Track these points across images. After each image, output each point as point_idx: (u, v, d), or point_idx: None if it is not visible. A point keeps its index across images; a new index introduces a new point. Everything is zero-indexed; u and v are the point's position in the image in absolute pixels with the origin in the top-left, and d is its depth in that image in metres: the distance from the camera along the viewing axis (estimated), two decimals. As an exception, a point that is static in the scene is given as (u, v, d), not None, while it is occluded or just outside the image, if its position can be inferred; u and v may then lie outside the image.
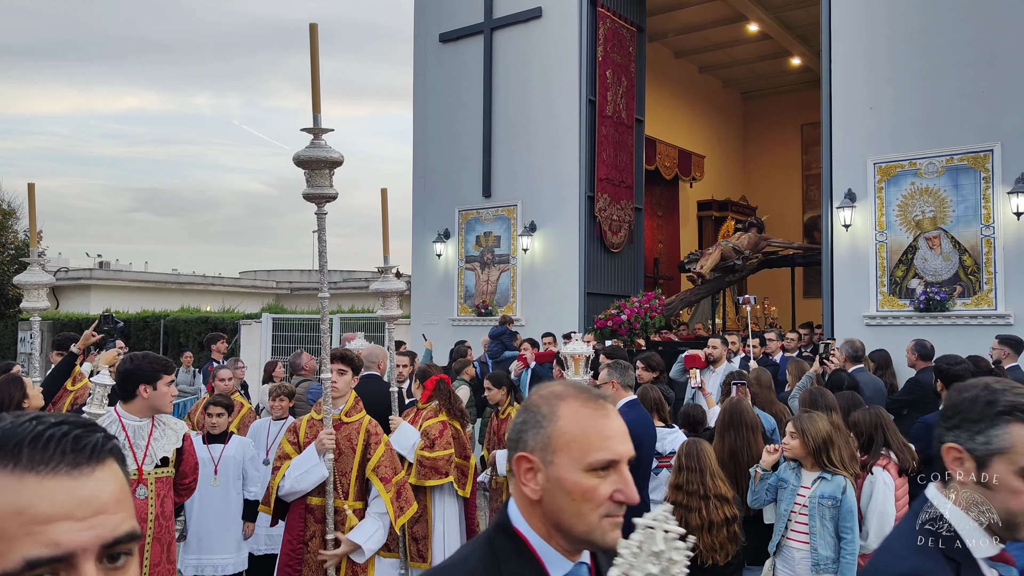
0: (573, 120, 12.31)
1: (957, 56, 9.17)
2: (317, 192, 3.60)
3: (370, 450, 4.11)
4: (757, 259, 14.09)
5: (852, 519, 3.97)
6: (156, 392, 3.58)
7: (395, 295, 4.45)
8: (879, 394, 6.60)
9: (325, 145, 3.55)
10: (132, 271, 33.55)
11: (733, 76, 19.62)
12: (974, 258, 8.93)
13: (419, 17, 14.30)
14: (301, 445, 4.17)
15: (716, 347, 7.59)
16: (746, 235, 14.00)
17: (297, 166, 3.54)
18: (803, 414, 4.29)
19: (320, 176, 3.59)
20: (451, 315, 13.36)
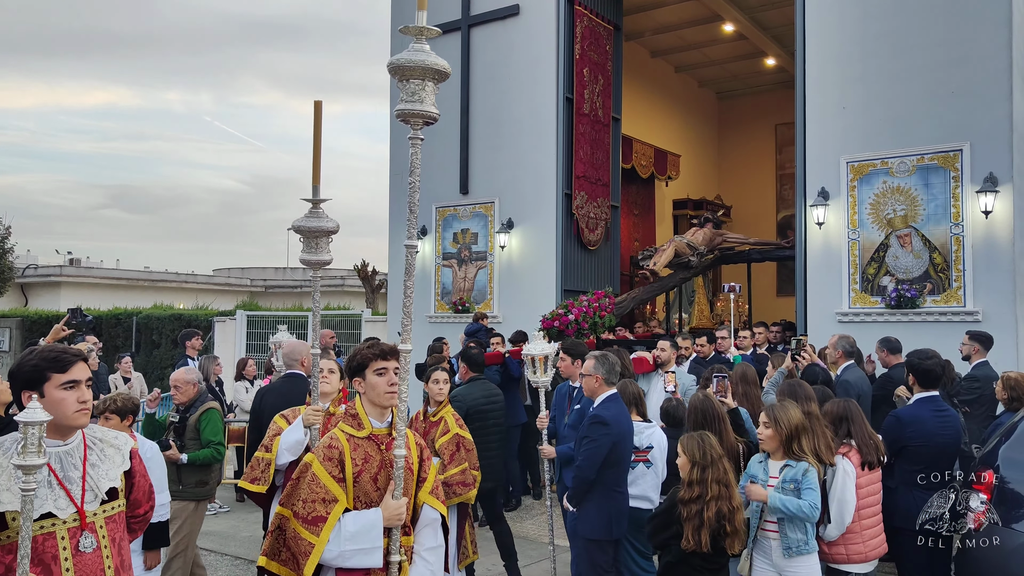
0: (550, 118, 12.34)
1: (928, 57, 9.32)
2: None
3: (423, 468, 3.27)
4: (714, 255, 13.64)
5: (812, 495, 4.01)
6: (47, 400, 2.49)
7: (323, 235, 3.71)
8: (868, 393, 6.68)
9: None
10: (103, 268, 33.10)
11: (708, 76, 19.77)
12: (944, 256, 9.09)
13: (396, 13, 14.26)
14: None
15: (665, 349, 7.21)
16: (701, 231, 13.48)
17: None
18: (775, 403, 4.34)
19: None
20: (428, 312, 13.34)
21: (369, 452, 3.04)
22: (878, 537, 4.59)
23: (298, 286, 33.04)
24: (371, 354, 3.10)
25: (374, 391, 3.08)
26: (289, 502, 2.97)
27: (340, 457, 2.99)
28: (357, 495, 2.99)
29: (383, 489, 3.02)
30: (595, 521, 4.83)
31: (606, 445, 4.75)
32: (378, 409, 3.11)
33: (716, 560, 3.92)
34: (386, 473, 3.03)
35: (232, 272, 38.09)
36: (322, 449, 3.03)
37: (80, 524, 2.52)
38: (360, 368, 3.12)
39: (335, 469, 2.97)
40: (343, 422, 3.15)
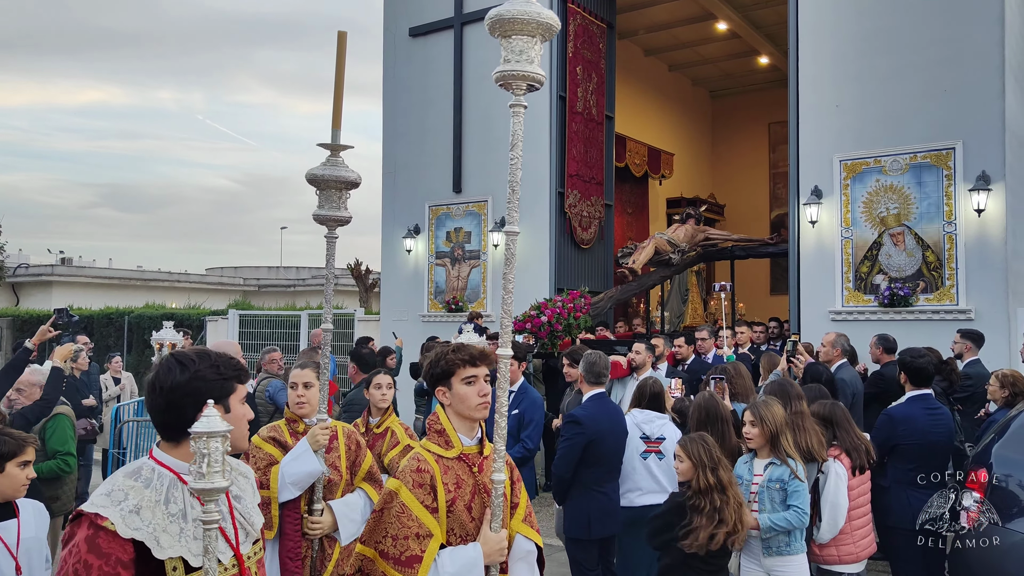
0: (544, 116, 12.31)
1: (921, 56, 9.32)
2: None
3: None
4: (696, 252, 13.26)
5: (800, 498, 4.00)
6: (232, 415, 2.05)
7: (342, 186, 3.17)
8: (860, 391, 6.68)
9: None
10: (95, 267, 32.96)
11: (702, 75, 19.77)
12: (936, 254, 9.09)
13: (389, 11, 14.21)
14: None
15: (640, 352, 6.97)
16: (683, 227, 13.08)
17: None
18: (759, 401, 4.31)
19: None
20: (421, 311, 13.30)
21: (460, 475, 2.60)
22: (868, 537, 4.60)
23: (291, 285, 32.96)
24: (458, 359, 2.68)
25: (463, 403, 2.64)
26: (373, 539, 2.51)
27: (431, 482, 2.53)
28: (451, 527, 2.55)
29: (478, 519, 2.58)
30: (573, 520, 4.86)
31: (579, 444, 4.75)
32: (467, 424, 2.67)
33: (716, 562, 3.90)
34: (480, 500, 2.60)
35: (225, 271, 37.97)
36: (410, 473, 2.55)
37: (239, 570, 2.06)
38: (444, 376, 2.68)
39: (427, 497, 2.51)
40: (428, 440, 2.68)
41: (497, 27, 2.39)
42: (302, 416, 3.71)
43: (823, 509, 4.33)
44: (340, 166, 3.13)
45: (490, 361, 2.66)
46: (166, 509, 1.89)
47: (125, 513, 1.83)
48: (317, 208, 3.17)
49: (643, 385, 5.28)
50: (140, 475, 1.92)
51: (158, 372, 1.95)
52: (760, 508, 4.07)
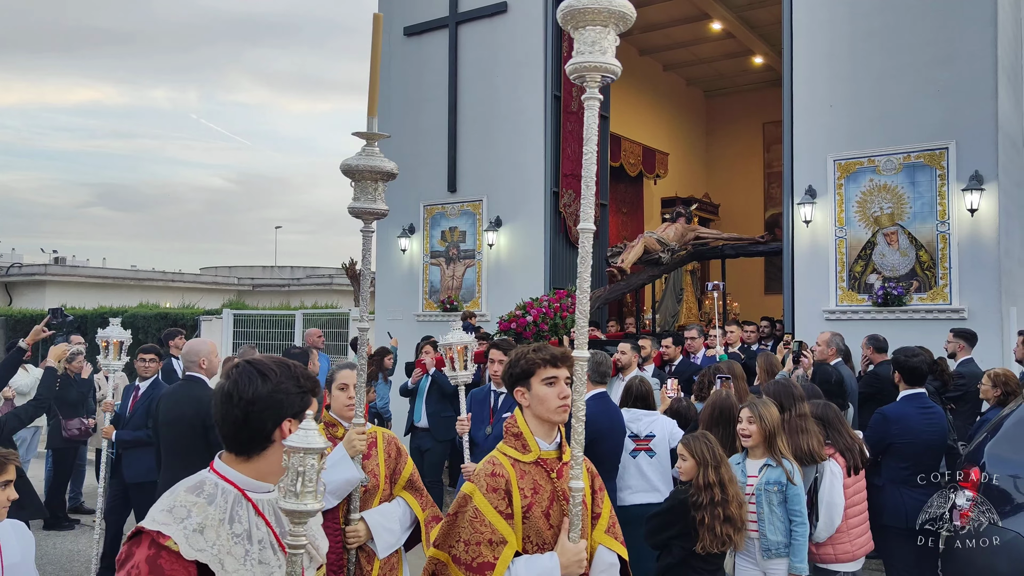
0: (538, 115, 12.32)
1: (914, 56, 9.35)
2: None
3: None
4: (685, 251, 13.11)
5: (800, 503, 4.01)
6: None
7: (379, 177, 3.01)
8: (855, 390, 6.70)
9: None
10: (89, 267, 32.86)
11: (696, 74, 19.79)
12: (930, 254, 9.12)
13: (383, 10, 14.16)
14: None
15: (625, 352, 6.91)
16: (672, 226, 12.93)
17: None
18: (755, 400, 4.32)
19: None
20: (416, 311, 13.29)
21: (538, 481, 2.50)
22: (864, 536, 4.61)
23: (286, 285, 32.92)
24: (538, 359, 2.57)
25: (542, 405, 2.54)
26: (446, 543, 2.44)
27: (507, 487, 2.44)
28: (527, 534, 2.45)
29: (556, 527, 2.48)
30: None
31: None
32: (546, 427, 2.57)
33: (715, 560, 3.91)
34: (559, 507, 2.50)
35: (219, 271, 37.90)
36: (484, 477, 2.47)
37: None
38: (523, 376, 2.58)
39: (501, 502, 2.42)
40: (504, 444, 2.59)
41: (569, 18, 2.31)
42: (349, 419, 3.44)
43: (820, 508, 4.34)
44: (376, 156, 2.97)
45: (571, 362, 2.53)
46: (230, 529, 1.73)
47: (188, 532, 1.67)
48: (352, 201, 3.00)
49: (630, 384, 5.28)
50: (203, 491, 1.76)
51: (236, 382, 1.80)
52: (757, 511, 4.07)
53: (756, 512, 4.08)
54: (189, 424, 4.78)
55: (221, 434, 1.83)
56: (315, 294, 29.40)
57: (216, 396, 1.84)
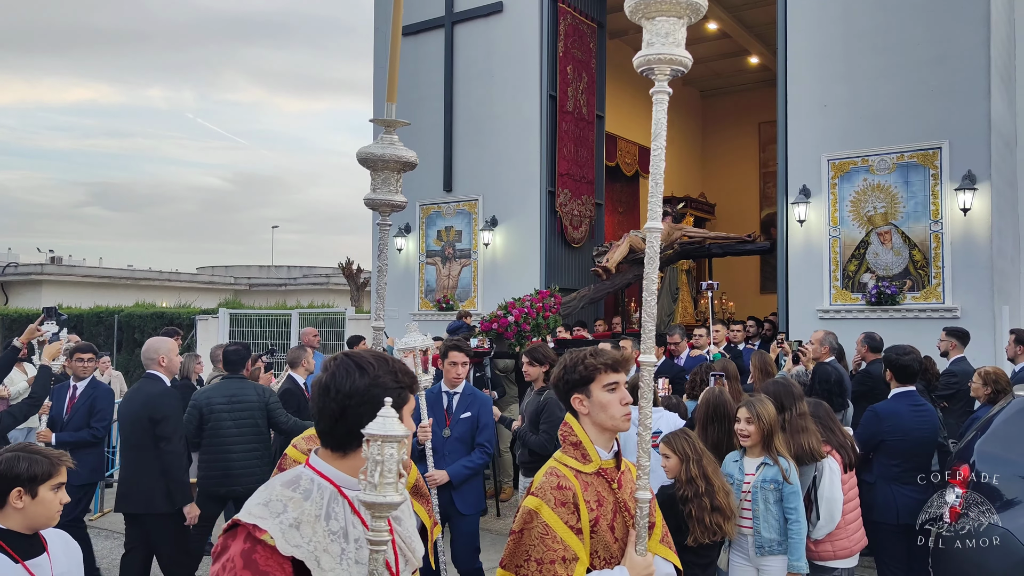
0: (534, 115, 12.35)
1: (908, 56, 9.40)
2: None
3: None
4: (673, 251, 12.95)
5: (796, 500, 4.04)
6: None
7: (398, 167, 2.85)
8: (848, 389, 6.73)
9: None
10: (85, 266, 32.83)
11: (692, 75, 19.80)
12: (923, 253, 9.17)
13: (380, 10, 14.21)
14: None
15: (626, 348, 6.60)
16: None
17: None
18: (752, 399, 4.33)
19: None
20: (412, 310, 13.31)
21: (601, 492, 2.39)
22: (860, 531, 4.64)
23: (282, 284, 32.92)
24: (599, 364, 2.43)
25: (604, 412, 2.41)
26: (513, 563, 2.30)
27: (574, 500, 2.31)
28: (594, 549, 2.34)
29: (622, 540, 2.39)
30: None
31: None
32: (605, 435, 2.44)
33: (708, 554, 3.94)
34: (622, 519, 2.40)
35: (216, 270, 37.89)
36: (551, 491, 2.32)
37: None
38: (583, 382, 2.43)
39: (571, 516, 2.29)
40: (563, 453, 2.44)
41: (640, 8, 2.22)
42: None
43: (819, 505, 4.36)
44: (396, 145, 2.80)
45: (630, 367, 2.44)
46: (327, 526, 1.67)
47: (285, 527, 1.62)
48: (370, 192, 2.84)
49: (635, 382, 5.28)
50: (299, 485, 1.71)
51: (334, 374, 1.74)
52: (753, 508, 4.09)
53: (751, 509, 4.10)
54: (138, 419, 4.90)
55: (318, 430, 1.78)
56: (311, 293, 29.42)
57: (314, 390, 1.78)
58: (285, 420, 5.86)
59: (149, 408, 4.85)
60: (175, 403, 4.99)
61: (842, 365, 7.67)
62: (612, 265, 11.58)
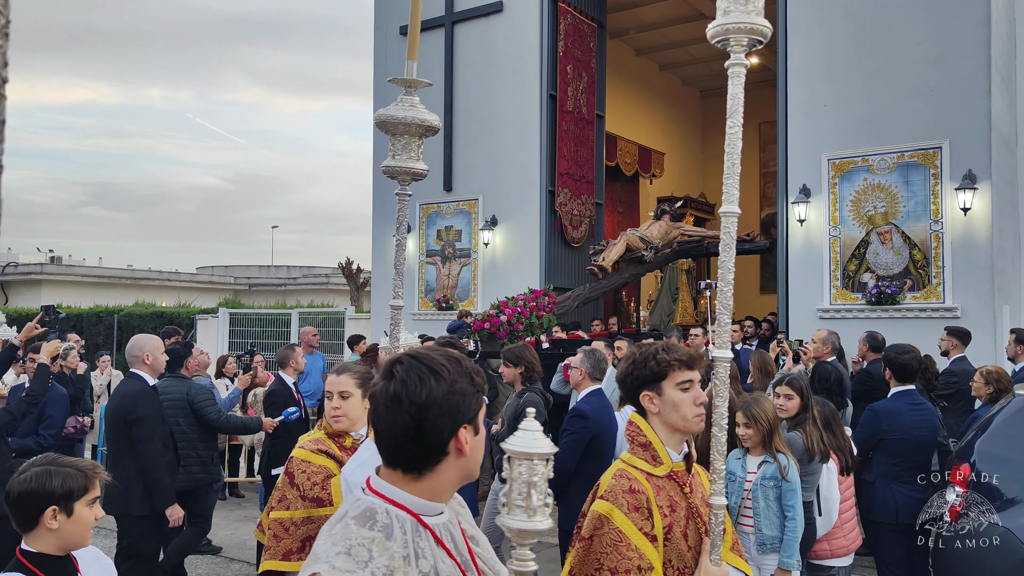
0: (534, 115, 12.35)
1: (908, 55, 9.40)
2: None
3: None
4: (670, 250, 12.75)
5: (794, 497, 4.04)
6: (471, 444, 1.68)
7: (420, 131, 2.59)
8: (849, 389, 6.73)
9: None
10: (85, 266, 32.83)
11: (692, 74, 19.83)
12: (923, 252, 9.16)
13: (379, 9, 14.21)
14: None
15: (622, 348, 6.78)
16: (656, 224, 12.53)
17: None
18: (748, 400, 4.32)
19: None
20: (412, 309, 13.31)
21: (673, 497, 2.26)
22: (855, 531, 4.66)
23: (282, 284, 32.92)
24: (671, 360, 2.28)
25: (677, 412, 2.27)
26: (583, 572, 2.16)
27: (647, 505, 2.17)
28: (668, 557, 2.19)
29: (695, 548, 2.26)
30: (573, 513, 4.86)
31: (585, 438, 4.81)
32: (677, 436, 2.31)
33: None
34: (694, 525, 2.28)
35: (216, 270, 37.89)
36: (623, 495, 2.18)
37: None
38: (654, 379, 2.29)
39: (645, 523, 2.14)
40: (632, 455, 2.31)
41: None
42: (341, 430, 3.07)
43: (819, 504, 4.37)
44: (418, 107, 2.56)
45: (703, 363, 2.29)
46: (417, 567, 1.41)
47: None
48: (389, 159, 2.61)
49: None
50: (375, 521, 1.42)
51: (405, 382, 1.47)
52: (754, 506, 4.09)
53: (752, 507, 4.10)
54: (115, 420, 4.80)
55: (385, 447, 1.49)
56: (311, 293, 29.42)
57: (380, 402, 1.49)
58: (216, 417, 5.70)
59: (124, 409, 4.73)
60: (152, 403, 4.82)
61: (842, 365, 7.68)
62: (608, 264, 11.47)
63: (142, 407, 4.73)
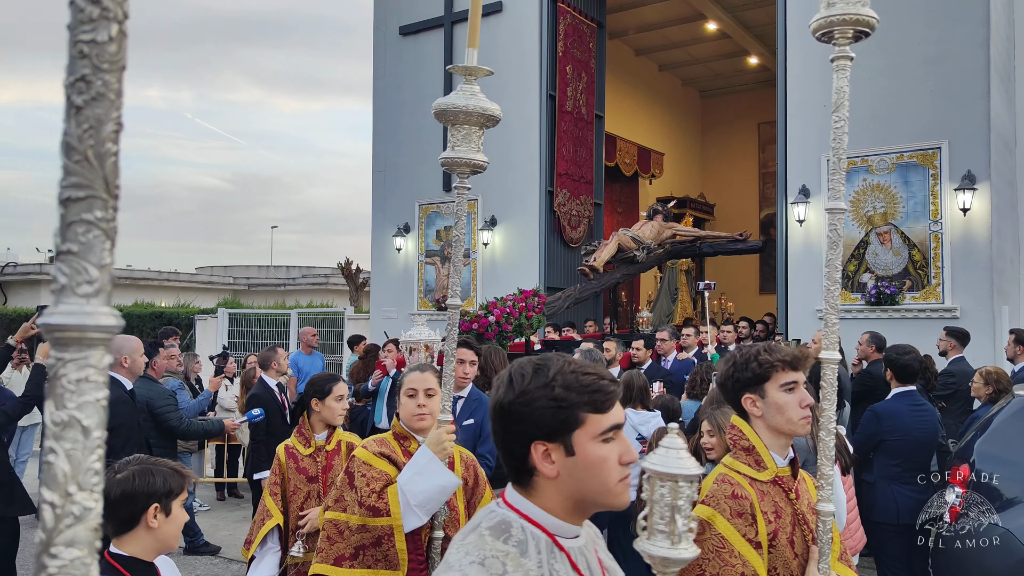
0: (533, 115, 12.35)
1: (907, 56, 9.40)
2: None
3: None
4: (663, 250, 12.73)
5: None
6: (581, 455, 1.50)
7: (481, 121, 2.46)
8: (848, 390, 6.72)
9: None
10: (84, 266, 32.77)
11: (692, 75, 19.83)
12: (923, 253, 9.16)
13: (379, 10, 14.21)
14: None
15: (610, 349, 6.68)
16: (649, 223, 12.43)
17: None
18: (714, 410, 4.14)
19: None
20: (411, 309, 13.31)
21: (779, 503, 2.18)
22: (859, 531, 4.65)
23: (281, 284, 32.90)
24: (775, 361, 2.20)
25: (782, 414, 2.17)
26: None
27: (751, 511, 2.08)
28: (772, 565, 2.11)
29: (801, 556, 2.16)
30: None
31: None
32: (781, 440, 2.21)
33: None
34: (800, 532, 2.18)
35: (215, 270, 37.88)
36: (725, 500, 2.10)
37: None
38: (756, 381, 2.20)
39: (748, 529, 2.06)
40: (734, 459, 2.23)
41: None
42: (420, 430, 2.85)
43: None
44: (479, 96, 2.45)
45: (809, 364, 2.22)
46: None
47: None
48: (448, 151, 2.50)
49: (628, 380, 5.28)
50: (510, 535, 1.35)
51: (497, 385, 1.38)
52: None
53: None
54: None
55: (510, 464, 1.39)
56: (311, 293, 29.40)
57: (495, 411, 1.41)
58: (177, 424, 5.50)
59: None
60: (127, 410, 4.52)
61: (841, 366, 7.67)
62: (599, 264, 11.37)
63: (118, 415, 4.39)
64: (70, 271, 0.58)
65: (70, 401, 0.58)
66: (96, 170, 0.59)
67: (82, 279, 0.59)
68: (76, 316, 0.58)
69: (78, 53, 0.58)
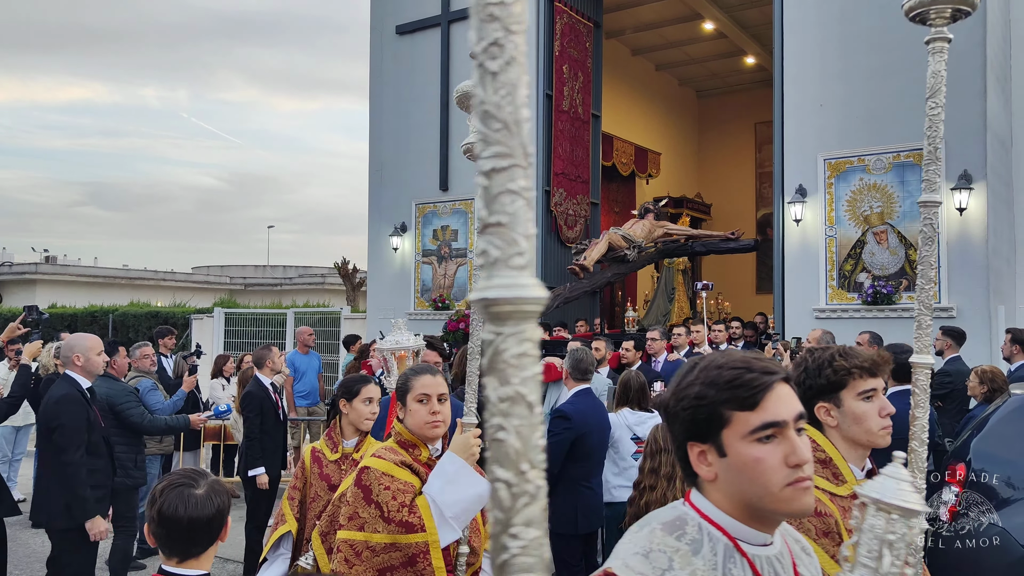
0: (530, 114, 12.33)
1: (904, 55, 9.40)
2: None
3: None
4: (654, 249, 12.67)
5: None
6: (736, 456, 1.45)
7: None
8: None
9: None
10: (80, 266, 32.74)
11: (689, 74, 19.84)
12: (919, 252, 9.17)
13: (375, 9, 14.19)
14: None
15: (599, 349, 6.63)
16: (640, 222, 12.34)
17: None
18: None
19: None
20: (408, 309, 13.29)
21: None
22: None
23: (277, 284, 32.86)
24: (851, 367, 2.01)
25: (860, 425, 2.02)
26: None
27: (836, 529, 1.91)
28: None
29: None
30: (560, 515, 4.84)
31: (567, 440, 4.75)
32: (858, 452, 2.04)
33: None
34: None
35: (211, 270, 37.82)
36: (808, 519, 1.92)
37: None
38: (832, 388, 2.03)
39: (834, 548, 1.89)
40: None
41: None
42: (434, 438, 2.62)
43: None
44: None
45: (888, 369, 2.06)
46: None
47: None
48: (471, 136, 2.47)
49: (627, 380, 5.28)
50: (683, 533, 1.29)
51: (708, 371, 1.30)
52: None
53: None
54: (39, 426, 4.55)
55: (685, 465, 1.35)
56: (307, 293, 29.38)
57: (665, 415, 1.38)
58: (138, 420, 5.44)
59: (47, 415, 4.41)
60: (76, 409, 4.45)
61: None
62: (589, 263, 11.25)
63: (64, 414, 4.40)
64: (502, 243, 0.56)
65: (514, 376, 0.57)
66: (516, 136, 0.58)
67: (513, 251, 0.57)
68: (512, 289, 0.56)
69: (488, 16, 0.56)
